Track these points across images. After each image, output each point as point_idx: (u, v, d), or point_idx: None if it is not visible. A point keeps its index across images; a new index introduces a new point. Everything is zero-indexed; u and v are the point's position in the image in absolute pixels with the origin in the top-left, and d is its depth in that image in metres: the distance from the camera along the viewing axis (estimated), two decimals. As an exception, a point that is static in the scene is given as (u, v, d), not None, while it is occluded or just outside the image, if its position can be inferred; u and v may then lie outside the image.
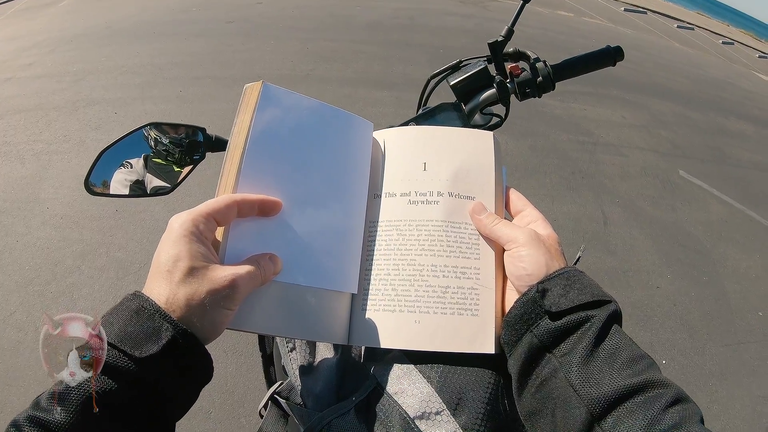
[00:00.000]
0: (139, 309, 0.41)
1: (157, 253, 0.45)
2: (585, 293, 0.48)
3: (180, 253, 0.43)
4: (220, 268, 0.44)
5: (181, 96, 5.09)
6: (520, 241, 0.53)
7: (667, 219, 3.99)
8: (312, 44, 6.76)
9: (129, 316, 0.41)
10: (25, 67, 6.14)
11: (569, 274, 0.50)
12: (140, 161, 0.89)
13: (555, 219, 3.62)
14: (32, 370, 2.30)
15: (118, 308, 0.42)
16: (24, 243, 3.04)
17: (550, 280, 0.50)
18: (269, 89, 0.56)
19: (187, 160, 0.87)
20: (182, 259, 0.43)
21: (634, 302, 3.04)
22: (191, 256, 0.43)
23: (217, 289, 0.43)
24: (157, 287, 0.42)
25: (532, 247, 0.52)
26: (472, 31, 8.07)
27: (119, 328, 0.40)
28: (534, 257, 0.52)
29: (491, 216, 0.57)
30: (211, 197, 0.50)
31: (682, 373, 2.66)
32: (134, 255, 2.95)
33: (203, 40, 6.88)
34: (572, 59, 0.98)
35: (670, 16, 17.35)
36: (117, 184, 0.88)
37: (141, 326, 0.40)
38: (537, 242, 0.53)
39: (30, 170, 3.77)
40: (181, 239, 0.44)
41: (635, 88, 6.53)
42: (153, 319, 0.40)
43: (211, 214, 0.47)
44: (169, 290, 0.42)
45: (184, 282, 0.42)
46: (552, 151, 4.63)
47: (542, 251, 0.52)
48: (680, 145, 5.45)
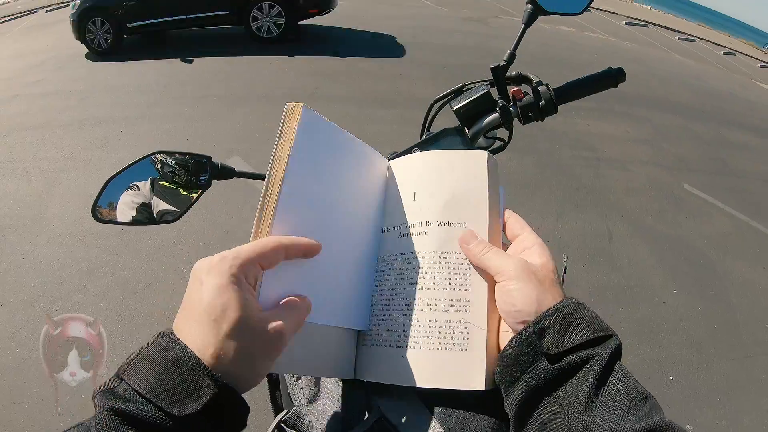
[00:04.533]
0: (177, 360, 0.38)
1: (197, 295, 0.41)
2: (584, 330, 0.45)
3: (229, 302, 0.40)
4: (267, 318, 0.42)
5: (187, 115, 5.14)
6: (508, 274, 0.49)
7: (672, 233, 3.98)
8: (316, 63, 6.82)
9: (165, 367, 0.38)
10: (32, 84, 6.22)
11: (567, 309, 0.47)
12: (147, 184, 0.89)
13: (560, 236, 3.63)
14: (37, 387, 2.31)
15: (151, 354, 0.39)
16: (30, 261, 3.06)
17: (546, 318, 0.46)
18: (309, 115, 0.52)
19: (194, 182, 0.88)
20: (231, 309, 0.40)
21: (640, 318, 3.02)
22: (240, 305, 0.40)
23: (266, 341, 0.41)
24: (201, 336, 0.39)
25: (521, 280, 0.49)
26: (475, 48, 8.11)
27: (155, 380, 0.37)
28: (523, 292, 0.48)
29: (481, 244, 0.53)
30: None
31: (690, 388, 2.64)
32: (139, 274, 2.96)
33: (208, 59, 6.95)
34: (574, 82, 0.98)
35: (671, 28, 17.41)
36: (123, 210, 0.89)
37: (180, 380, 0.37)
38: (527, 275, 0.49)
39: (36, 188, 3.81)
40: (230, 286, 0.40)
41: (638, 102, 6.54)
42: (193, 373, 0.37)
43: (258, 260, 0.44)
44: (216, 341, 0.39)
45: (232, 334, 0.39)
46: (556, 168, 4.64)
47: (533, 284, 0.48)
48: (684, 158, 5.45)
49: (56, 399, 2.33)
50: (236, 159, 4.14)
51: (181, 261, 3.06)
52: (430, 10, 12.04)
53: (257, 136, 4.57)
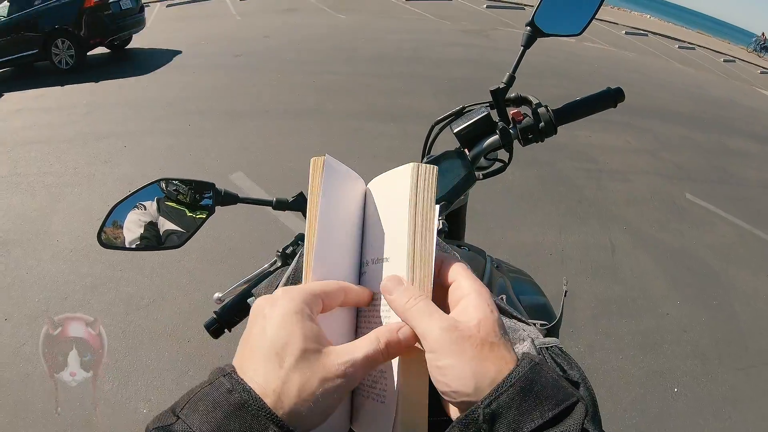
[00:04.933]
0: (242, 405, 0.34)
1: (258, 329, 0.39)
2: (546, 403, 0.35)
3: (293, 333, 0.37)
4: (334, 352, 0.38)
5: (190, 130, 5.18)
6: (433, 345, 0.38)
7: (675, 243, 3.98)
8: (318, 78, 6.88)
9: (229, 412, 0.34)
10: (36, 98, 6.28)
11: (523, 379, 0.36)
12: (153, 204, 0.91)
13: (563, 249, 3.63)
14: (41, 402, 2.31)
15: (213, 394, 0.36)
16: (34, 275, 3.08)
17: (498, 397, 0.35)
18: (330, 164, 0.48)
19: (197, 199, 0.89)
20: (295, 341, 0.37)
21: (643, 330, 3.01)
22: (305, 337, 0.37)
23: (330, 378, 0.37)
24: (263, 372, 0.36)
25: (451, 354, 0.37)
26: (476, 60, 8.17)
27: (216, 425, 0.34)
28: (456, 370, 0.37)
29: (405, 294, 0.42)
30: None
31: (695, 400, 2.62)
32: (143, 290, 2.96)
33: (211, 74, 7.02)
34: (573, 103, 1.00)
35: (670, 36, 17.50)
36: (130, 230, 0.90)
37: (243, 426, 0.34)
38: (458, 345, 0.38)
39: (41, 202, 3.83)
40: (294, 316, 0.38)
41: (639, 112, 6.56)
42: (257, 421, 0.34)
43: (322, 296, 0.41)
44: (279, 378, 0.36)
45: (296, 368, 0.36)
46: (558, 180, 4.65)
47: (466, 357, 0.37)
48: (685, 168, 5.46)
49: (56, 399, 2.34)
50: (239, 174, 4.16)
51: (185, 276, 3.06)
52: (431, 23, 12.14)
53: (261, 151, 4.61)
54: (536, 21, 0.96)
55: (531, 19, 0.96)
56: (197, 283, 3.01)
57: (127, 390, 2.37)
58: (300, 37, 9.35)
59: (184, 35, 9.81)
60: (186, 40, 9.19)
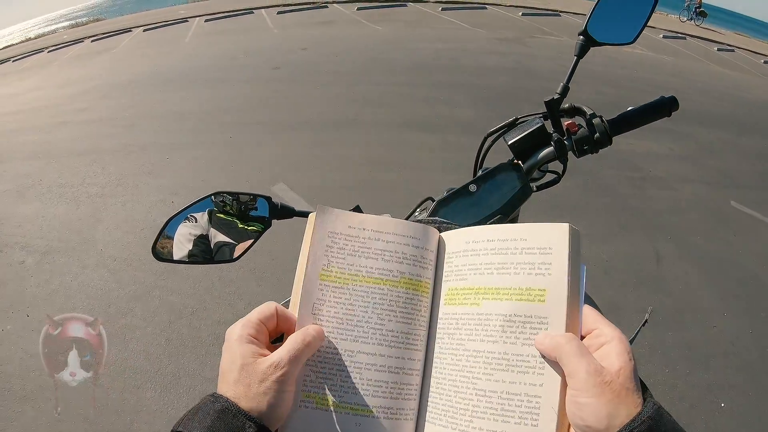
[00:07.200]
0: (224, 410, 0.46)
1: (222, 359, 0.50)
2: None
3: (234, 355, 0.49)
4: (266, 360, 0.49)
5: (231, 142, 5.26)
6: (579, 384, 0.44)
7: (722, 253, 3.85)
8: (357, 88, 6.94)
9: (215, 417, 0.45)
10: (79, 111, 6.49)
11: (647, 425, 0.42)
12: (204, 216, 0.91)
13: (608, 260, 3.55)
14: (82, 408, 2.36)
15: (202, 407, 0.47)
16: (79, 283, 3.17)
17: None
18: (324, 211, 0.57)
19: (251, 211, 0.89)
20: (236, 360, 0.48)
21: (689, 343, 2.91)
22: (242, 355, 0.48)
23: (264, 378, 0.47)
24: (232, 387, 0.48)
25: (593, 395, 0.43)
26: (513, 69, 8.12)
27: (208, 427, 0.45)
28: (594, 408, 0.43)
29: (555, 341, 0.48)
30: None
31: (742, 415, 2.53)
32: (187, 299, 3.01)
33: (250, 87, 7.14)
34: (628, 113, 0.98)
35: (709, 39, 17.06)
36: (181, 244, 0.91)
37: (227, 426, 0.45)
38: (600, 387, 0.43)
39: (85, 212, 3.94)
40: (234, 343, 0.50)
41: (680, 118, 6.33)
42: (237, 419, 0.45)
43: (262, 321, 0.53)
44: (240, 391, 0.47)
45: (243, 381, 0.47)
46: (602, 189, 4.58)
47: (606, 399, 0.43)
48: (730, 174, 5.29)
49: (56, 399, 2.39)
50: (281, 186, 4.20)
51: (228, 287, 3.10)
52: (467, 32, 12.12)
53: (302, 162, 4.65)
54: (589, 30, 0.94)
55: (584, 28, 0.94)
56: (240, 294, 3.05)
57: (168, 397, 2.41)
58: (337, 49, 9.45)
59: (223, 48, 10.04)
60: (225, 53, 9.40)
